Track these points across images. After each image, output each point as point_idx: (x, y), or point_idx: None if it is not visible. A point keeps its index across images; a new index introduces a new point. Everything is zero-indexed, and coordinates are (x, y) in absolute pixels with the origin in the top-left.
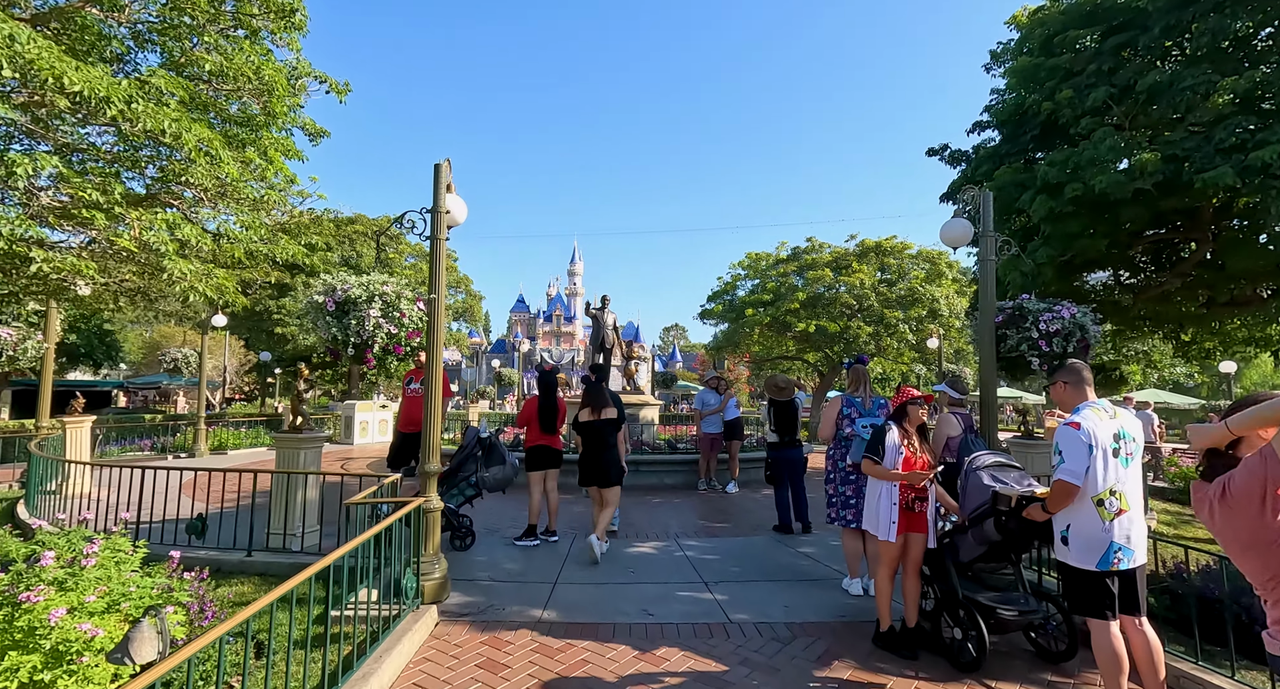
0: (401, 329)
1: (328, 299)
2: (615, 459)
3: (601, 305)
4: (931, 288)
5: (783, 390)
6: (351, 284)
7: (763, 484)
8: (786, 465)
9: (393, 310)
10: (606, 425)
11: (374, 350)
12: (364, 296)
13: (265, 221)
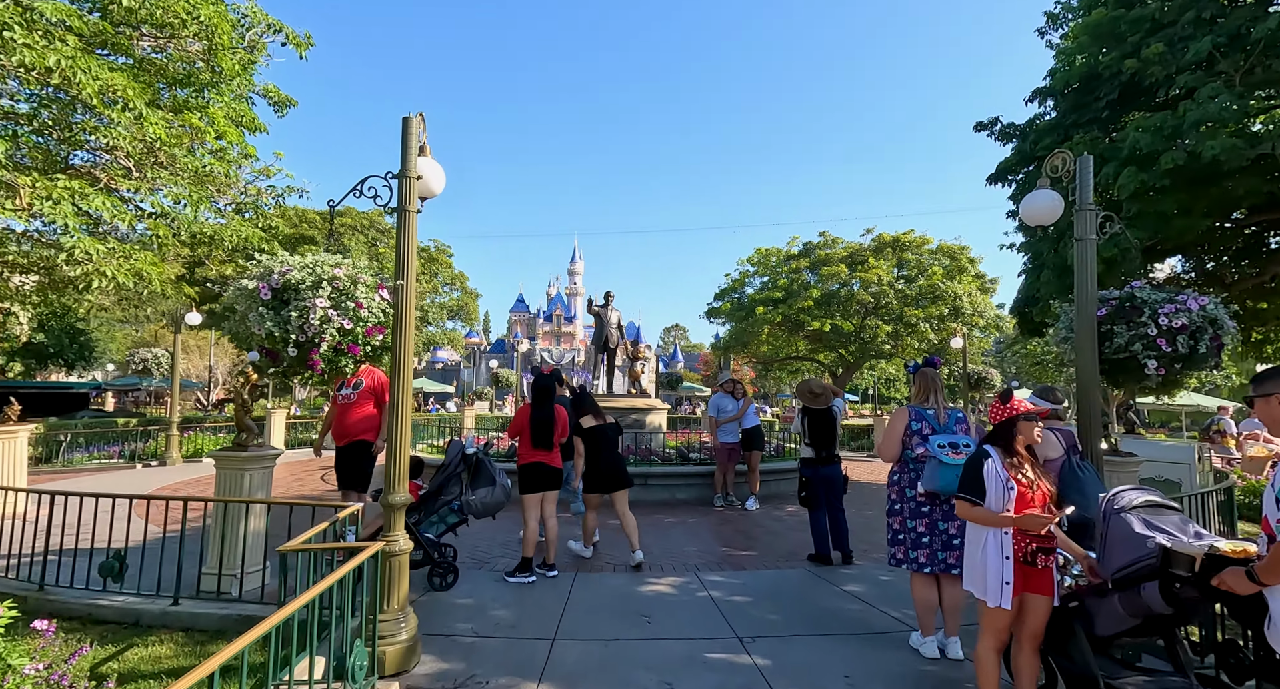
0: (359, 323)
1: (261, 285)
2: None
3: (605, 302)
4: (953, 284)
5: (819, 396)
6: (293, 266)
7: (785, 499)
8: (824, 485)
9: (346, 299)
10: (613, 429)
11: (321, 350)
12: (309, 282)
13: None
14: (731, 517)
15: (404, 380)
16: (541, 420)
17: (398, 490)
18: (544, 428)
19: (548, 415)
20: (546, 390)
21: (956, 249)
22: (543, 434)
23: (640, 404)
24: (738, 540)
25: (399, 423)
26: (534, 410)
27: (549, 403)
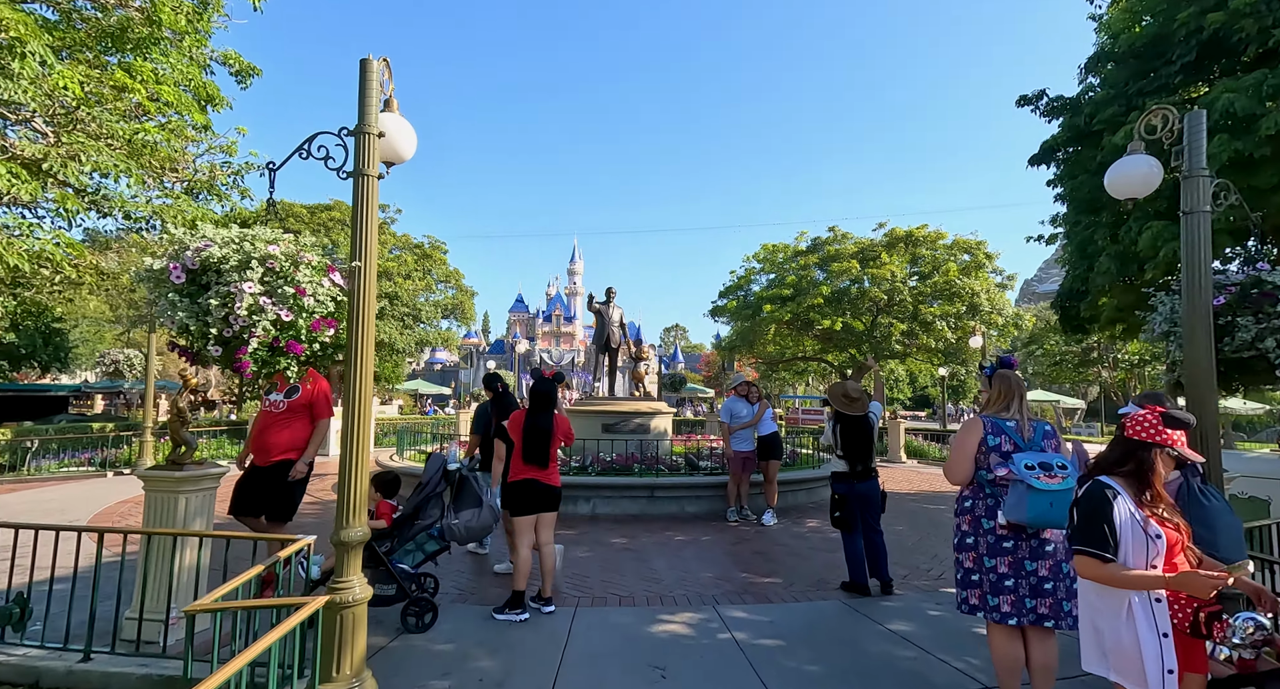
0: (302, 315)
1: (172, 265)
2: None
3: (606, 299)
4: (970, 281)
5: (854, 401)
6: (212, 240)
7: (804, 512)
8: (860, 503)
9: (284, 284)
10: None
11: (251, 348)
12: (233, 261)
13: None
14: (748, 533)
15: (361, 387)
16: (537, 430)
17: (352, 524)
18: (540, 439)
19: (545, 425)
20: (546, 396)
21: (973, 244)
22: (537, 446)
23: (644, 407)
24: (758, 564)
25: (355, 440)
26: (530, 418)
27: (548, 410)
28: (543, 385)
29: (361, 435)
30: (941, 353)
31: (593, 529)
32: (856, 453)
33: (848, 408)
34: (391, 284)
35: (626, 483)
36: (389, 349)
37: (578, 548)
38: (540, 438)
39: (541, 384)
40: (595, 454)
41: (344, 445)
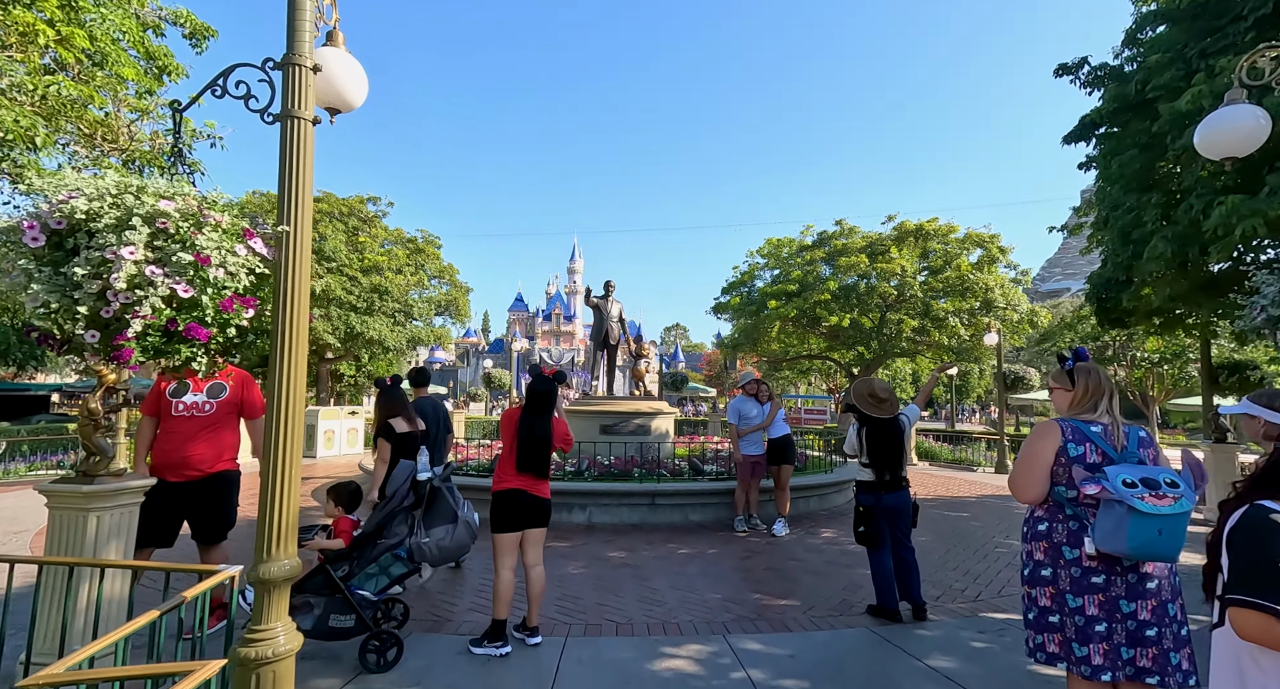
0: (209, 291)
1: (26, 224)
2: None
3: (605, 293)
4: (984, 276)
5: (882, 402)
6: (80, 191)
7: (817, 521)
8: (889, 517)
9: (179, 250)
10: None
11: (134, 331)
12: (109, 218)
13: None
14: (758, 545)
15: (290, 384)
16: (532, 436)
17: (276, 555)
18: (535, 447)
19: (542, 430)
20: (545, 397)
21: (986, 238)
22: (533, 454)
23: (645, 407)
24: (772, 582)
25: (281, 450)
26: (525, 421)
27: (545, 413)
28: (541, 385)
29: (290, 445)
30: (953, 351)
31: (588, 541)
32: (885, 460)
33: (875, 409)
34: (382, 279)
35: (625, 489)
36: (380, 347)
37: (571, 563)
38: (538, 445)
39: (540, 383)
40: (592, 457)
41: (268, 458)
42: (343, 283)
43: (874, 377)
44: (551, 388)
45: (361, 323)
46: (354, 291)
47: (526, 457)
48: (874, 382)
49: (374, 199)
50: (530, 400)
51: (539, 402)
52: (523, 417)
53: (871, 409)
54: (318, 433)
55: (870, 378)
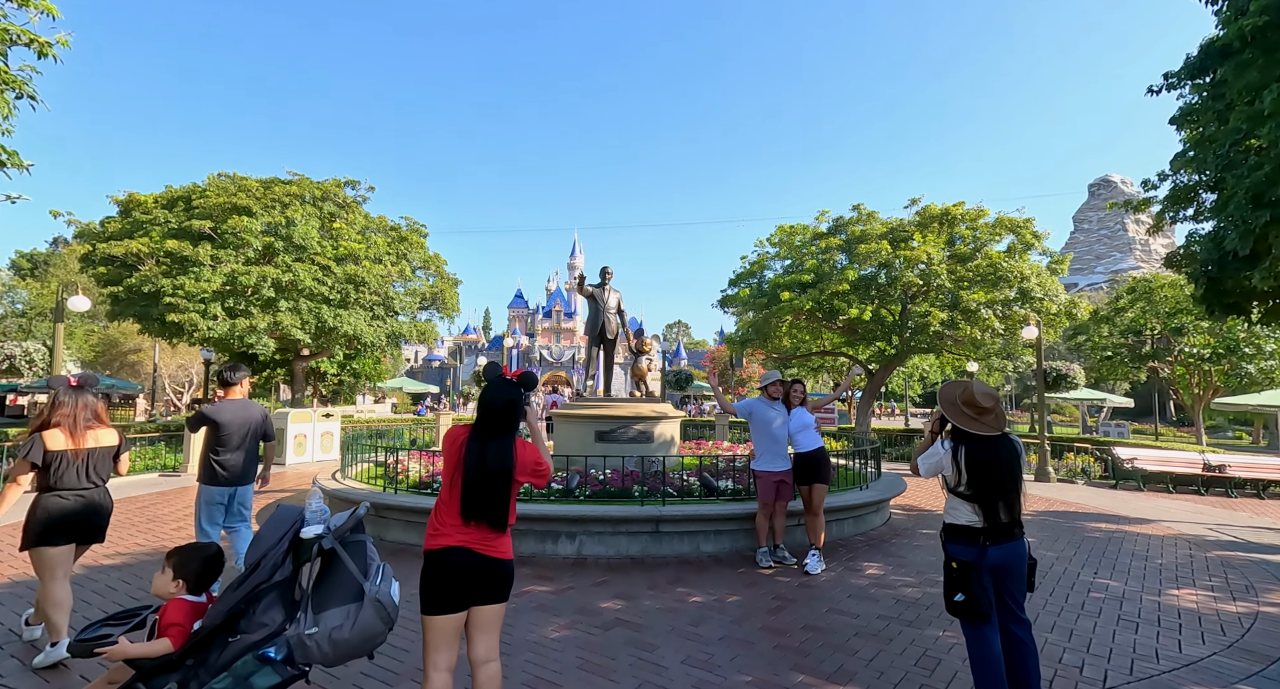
0: None
1: None
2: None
3: (601, 281)
4: (1018, 263)
5: (985, 413)
6: None
7: (857, 551)
8: (996, 577)
9: None
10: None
11: None
12: None
13: None
14: (789, 589)
15: None
16: (484, 467)
17: None
18: (488, 483)
19: (498, 458)
20: (504, 411)
21: (1019, 222)
22: (485, 494)
23: (646, 411)
24: (816, 650)
25: None
26: (473, 445)
27: (505, 433)
28: (499, 393)
29: None
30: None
31: (576, 582)
32: (993, 495)
33: (974, 423)
34: (358, 268)
35: (623, 515)
36: (357, 343)
37: (551, 621)
38: (491, 481)
39: (497, 391)
40: (585, 472)
41: None
42: (314, 273)
43: (972, 378)
44: (514, 397)
45: (335, 316)
46: (327, 282)
47: (475, 498)
48: (973, 385)
49: (353, 183)
50: (484, 415)
51: (496, 417)
52: (471, 439)
53: (970, 422)
54: (287, 437)
55: (967, 381)
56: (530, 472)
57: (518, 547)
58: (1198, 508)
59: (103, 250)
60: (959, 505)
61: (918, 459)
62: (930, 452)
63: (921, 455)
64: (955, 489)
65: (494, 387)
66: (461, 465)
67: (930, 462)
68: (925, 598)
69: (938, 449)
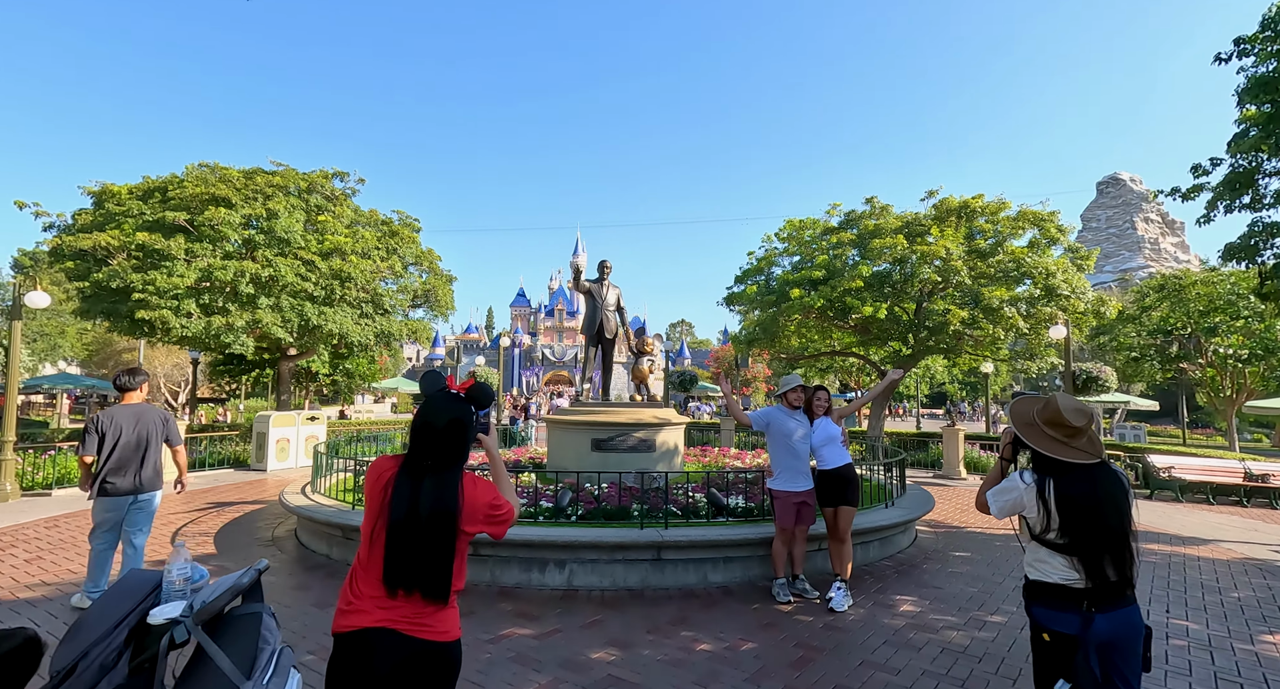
0: None
1: None
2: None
3: (600, 276)
4: (1041, 259)
5: (1075, 435)
6: None
7: (886, 581)
8: (1103, 655)
9: None
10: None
11: None
12: None
13: None
14: (813, 631)
15: None
16: (414, 516)
17: None
18: (419, 536)
19: (436, 502)
20: (446, 437)
21: (1043, 215)
22: (413, 552)
23: (647, 417)
24: None
25: None
26: (400, 485)
27: (446, 469)
28: (440, 412)
29: None
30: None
31: (564, 623)
32: (1093, 546)
33: (1063, 448)
34: (344, 263)
35: (620, 540)
36: (343, 342)
37: (530, 679)
38: (422, 533)
39: (438, 409)
40: (579, 487)
41: None
42: (297, 268)
43: (1057, 392)
44: (461, 418)
45: (319, 314)
46: (311, 278)
47: (403, 557)
48: (1058, 400)
49: (341, 174)
50: (418, 443)
51: (435, 445)
52: (400, 475)
53: (1057, 447)
54: (269, 442)
55: (1049, 395)
56: (484, 518)
57: (499, 577)
58: (1250, 524)
59: (70, 244)
60: (1048, 558)
61: (987, 496)
62: (1005, 487)
63: (992, 491)
64: (1043, 536)
65: (433, 404)
66: (386, 512)
67: (1005, 500)
68: (975, 646)
69: (1015, 483)
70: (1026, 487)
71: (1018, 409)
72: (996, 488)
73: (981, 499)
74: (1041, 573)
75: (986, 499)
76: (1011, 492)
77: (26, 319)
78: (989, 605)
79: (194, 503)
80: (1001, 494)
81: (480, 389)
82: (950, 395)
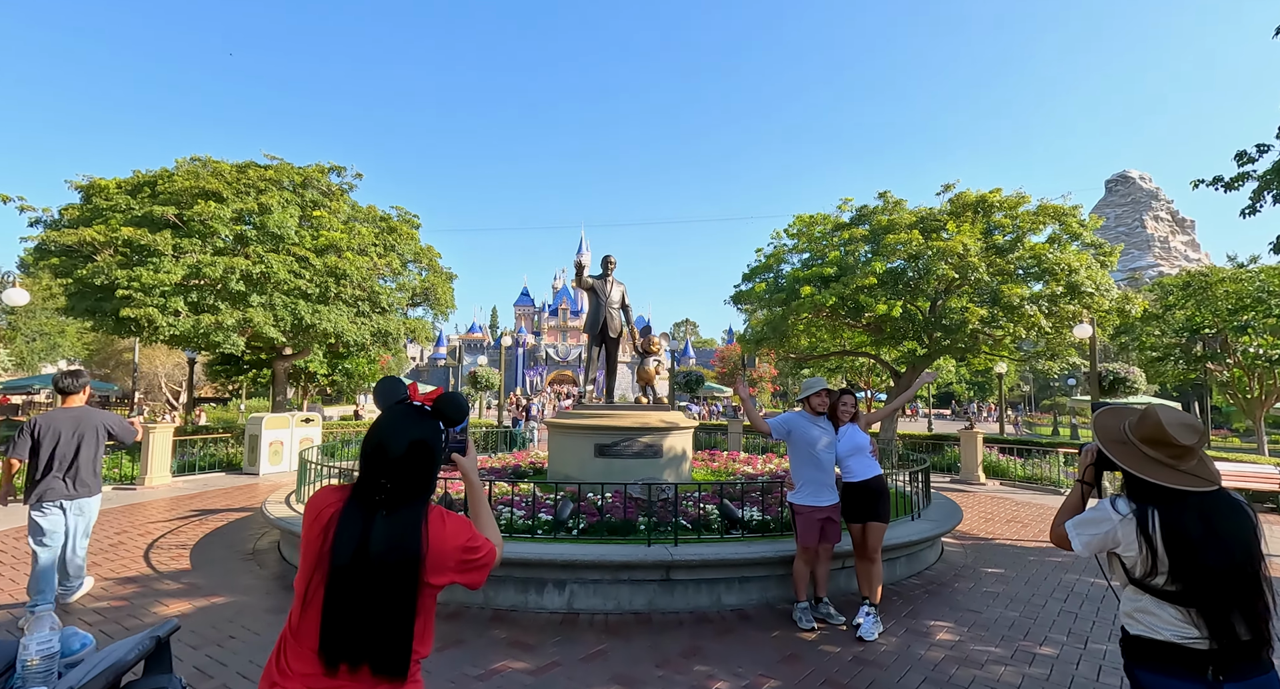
0: None
1: None
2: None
3: (603, 271)
4: (1064, 255)
5: (1186, 454)
6: None
7: (916, 602)
8: None
9: None
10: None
11: None
12: None
13: None
14: (841, 667)
15: None
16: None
17: None
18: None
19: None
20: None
21: (1064, 210)
22: (360, 610)
23: (654, 420)
24: None
25: None
26: (346, 523)
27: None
28: (398, 430)
29: None
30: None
31: (563, 653)
32: (1216, 595)
33: (1169, 472)
34: (339, 259)
35: (625, 558)
36: (339, 341)
37: None
38: (373, 585)
39: (395, 427)
40: (581, 497)
41: None
42: (289, 265)
43: (1160, 403)
44: (425, 439)
45: (313, 313)
46: (304, 275)
47: (346, 617)
48: (1159, 413)
49: (338, 169)
50: (370, 469)
51: (392, 472)
52: (346, 511)
53: (1160, 471)
54: (261, 444)
55: (1149, 407)
56: (456, 565)
57: (494, 598)
58: None
59: (54, 239)
60: (1155, 608)
61: (1067, 527)
62: (1092, 517)
63: (1075, 522)
64: (1146, 582)
65: (389, 421)
66: (327, 558)
67: (1093, 534)
68: (1030, 686)
69: (1106, 514)
70: (1122, 519)
71: (1104, 423)
72: (1081, 519)
73: (1059, 531)
74: (1147, 627)
75: (1066, 532)
76: (1101, 524)
77: (25, 318)
78: (1035, 633)
79: (178, 510)
80: (1087, 527)
81: (450, 401)
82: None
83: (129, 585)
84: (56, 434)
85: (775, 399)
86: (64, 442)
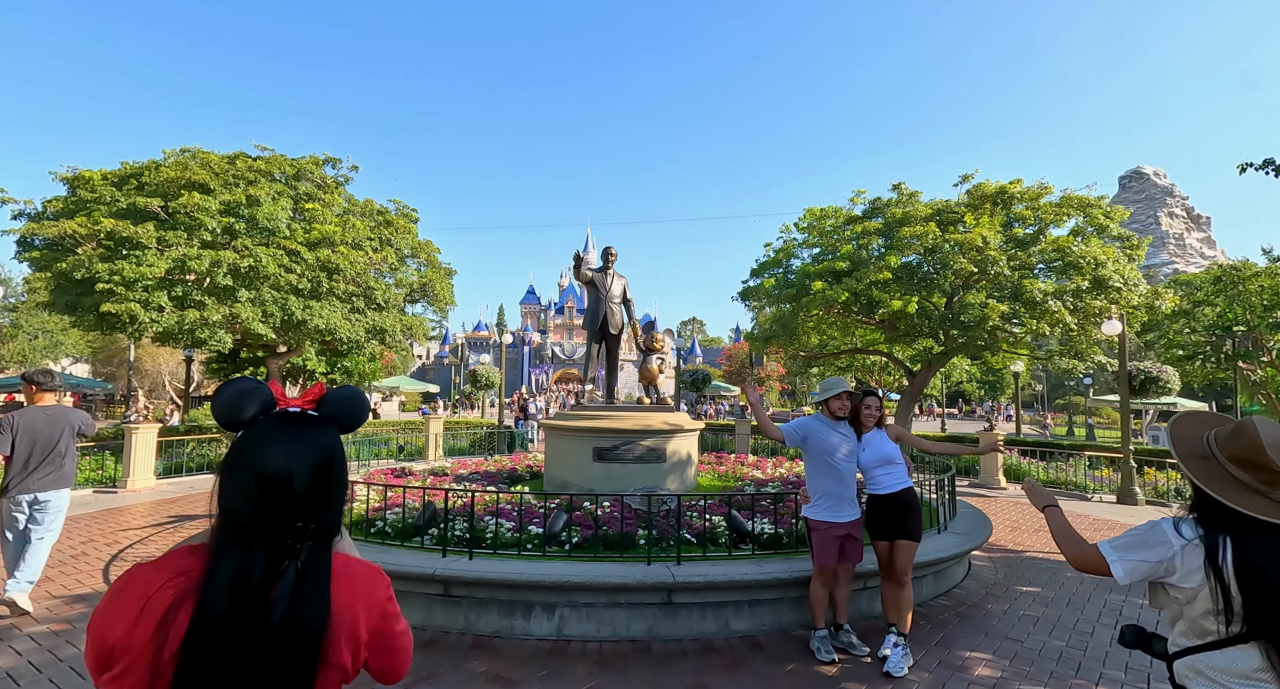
0: None
1: None
2: None
3: (604, 263)
4: (1090, 248)
5: (1277, 487)
6: None
7: (946, 628)
8: None
9: None
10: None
11: None
12: None
13: None
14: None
15: None
16: (242, 636)
17: None
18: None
19: (290, 607)
20: (317, 487)
21: (1089, 201)
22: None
23: (657, 422)
24: None
25: None
26: (209, 592)
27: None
28: (294, 451)
29: None
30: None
31: (551, 687)
32: None
33: (1256, 500)
34: (332, 254)
35: (622, 580)
36: (334, 339)
37: None
38: (261, 671)
39: (288, 449)
40: (577, 506)
41: None
42: (280, 258)
43: (1254, 417)
44: (328, 458)
45: (304, 309)
46: (296, 269)
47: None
48: (1261, 429)
49: (333, 161)
50: (261, 514)
51: (292, 511)
52: (211, 577)
53: (1245, 498)
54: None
55: (1245, 420)
56: (371, 639)
57: (475, 623)
58: None
59: (35, 232)
60: (1225, 661)
61: (1102, 549)
62: (1140, 539)
63: (1115, 543)
64: (1206, 622)
65: (271, 441)
66: (172, 668)
67: (1141, 560)
68: None
69: (1163, 537)
70: (1186, 545)
71: (1182, 432)
72: (1126, 541)
73: (1090, 555)
74: (1215, 673)
75: (1102, 555)
76: (1155, 548)
77: (28, 315)
78: (1088, 669)
79: (157, 516)
80: (1135, 550)
81: (346, 401)
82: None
83: (77, 606)
84: (31, 431)
85: (783, 398)
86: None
